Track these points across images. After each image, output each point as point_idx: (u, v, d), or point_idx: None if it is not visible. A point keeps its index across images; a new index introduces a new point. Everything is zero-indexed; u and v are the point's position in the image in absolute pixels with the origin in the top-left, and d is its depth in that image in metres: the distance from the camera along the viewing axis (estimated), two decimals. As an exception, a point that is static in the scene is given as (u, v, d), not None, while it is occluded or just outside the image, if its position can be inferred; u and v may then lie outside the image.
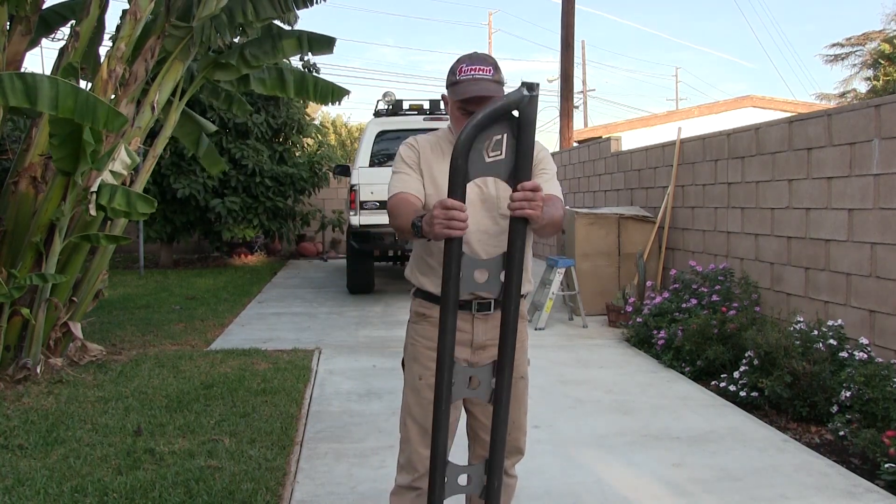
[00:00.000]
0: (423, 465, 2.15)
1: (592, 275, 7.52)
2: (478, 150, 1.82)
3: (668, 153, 7.59)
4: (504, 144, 1.83)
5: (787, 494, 3.19)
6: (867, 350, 4.24)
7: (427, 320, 2.22)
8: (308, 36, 6.05)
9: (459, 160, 1.80)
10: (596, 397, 4.68)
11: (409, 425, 2.21)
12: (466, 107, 2.11)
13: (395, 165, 2.27)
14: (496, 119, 1.80)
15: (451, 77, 2.12)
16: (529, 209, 1.80)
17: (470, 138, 1.79)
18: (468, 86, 2.07)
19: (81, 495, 3.12)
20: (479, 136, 1.81)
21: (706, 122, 13.59)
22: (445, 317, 1.84)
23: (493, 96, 2.04)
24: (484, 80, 2.08)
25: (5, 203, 5.21)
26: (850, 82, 23.43)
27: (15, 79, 4.13)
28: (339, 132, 27.27)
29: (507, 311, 1.88)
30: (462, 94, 2.08)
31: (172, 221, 11.89)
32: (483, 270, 1.92)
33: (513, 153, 1.82)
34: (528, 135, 1.80)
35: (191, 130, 6.85)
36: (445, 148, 2.21)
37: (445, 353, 1.86)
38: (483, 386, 1.95)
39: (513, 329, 1.89)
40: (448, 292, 1.84)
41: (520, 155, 1.82)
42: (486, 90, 2.06)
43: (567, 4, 13.57)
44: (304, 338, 6.52)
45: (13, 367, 4.97)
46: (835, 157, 4.96)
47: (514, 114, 1.80)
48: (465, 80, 2.09)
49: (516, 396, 2.19)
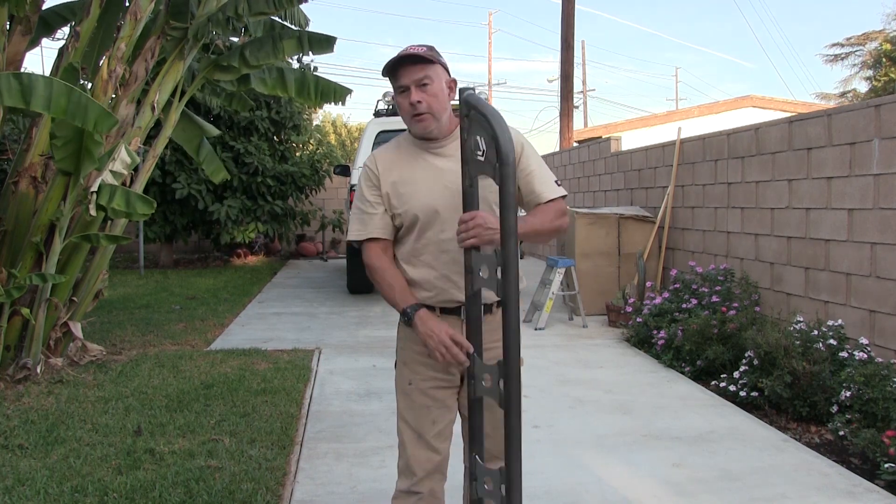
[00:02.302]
0: (420, 468, 2.14)
1: (592, 275, 7.52)
2: (469, 151, 1.89)
3: (668, 153, 7.59)
4: (481, 144, 1.86)
5: (787, 494, 3.19)
6: (867, 350, 4.24)
7: None
8: (308, 36, 6.05)
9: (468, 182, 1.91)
10: (596, 397, 4.68)
11: (402, 429, 2.19)
12: (399, 80, 2.05)
13: (357, 198, 2.19)
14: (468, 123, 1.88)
15: (388, 69, 2.08)
16: (470, 239, 1.87)
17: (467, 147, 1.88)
18: (397, 55, 2.05)
19: (81, 495, 3.12)
20: (468, 141, 1.88)
21: (706, 122, 13.60)
22: (472, 319, 1.95)
23: (419, 55, 2.02)
24: (409, 50, 2.05)
25: (5, 203, 5.21)
26: (850, 82, 23.46)
27: (11, 79, 4.13)
28: (339, 132, 27.27)
29: (508, 309, 1.87)
30: (390, 63, 2.04)
31: (172, 223, 11.89)
32: (483, 267, 1.91)
33: (486, 140, 1.86)
34: (486, 116, 1.84)
35: (192, 135, 6.81)
36: (411, 152, 2.15)
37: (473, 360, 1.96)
38: (492, 387, 1.95)
39: (515, 327, 1.87)
40: (470, 305, 1.94)
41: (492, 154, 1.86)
42: (410, 50, 2.04)
43: (567, 4, 13.57)
44: (305, 338, 6.52)
45: (13, 367, 4.97)
46: (835, 157, 4.96)
47: (471, 115, 1.87)
48: (392, 58, 2.06)
49: None
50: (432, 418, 2.14)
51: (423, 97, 2.03)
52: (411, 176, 2.11)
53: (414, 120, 2.07)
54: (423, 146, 2.14)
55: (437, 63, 2.07)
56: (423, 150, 2.14)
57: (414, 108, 2.04)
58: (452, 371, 2.13)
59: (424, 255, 2.10)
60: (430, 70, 2.04)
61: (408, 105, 2.06)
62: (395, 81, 2.08)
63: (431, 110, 2.05)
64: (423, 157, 2.13)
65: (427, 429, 2.14)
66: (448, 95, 2.12)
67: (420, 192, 2.09)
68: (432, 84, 2.05)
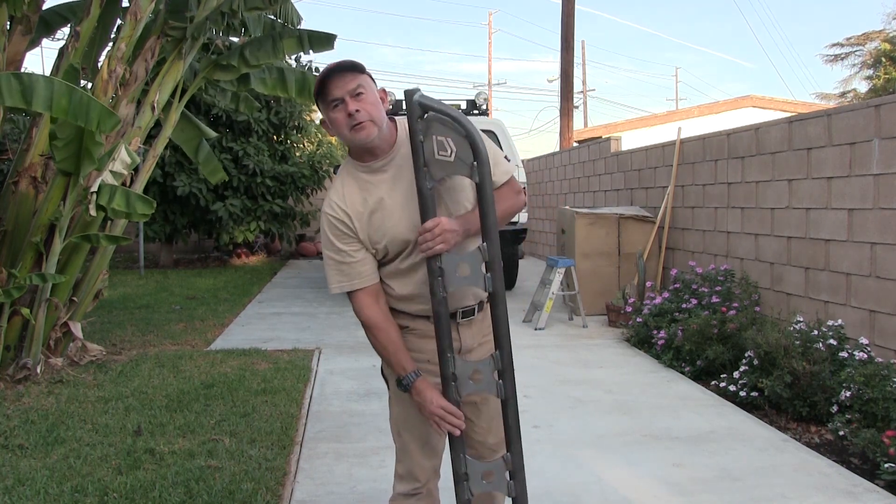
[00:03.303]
0: (424, 475, 2.13)
1: (592, 275, 7.52)
2: (436, 163, 1.87)
3: (668, 153, 7.59)
4: (448, 144, 1.85)
5: (787, 494, 3.19)
6: (867, 350, 4.24)
7: (411, 332, 2.08)
8: (308, 34, 6.05)
9: (424, 182, 1.87)
10: (596, 397, 4.68)
11: (405, 437, 2.14)
12: (331, 94, 1.92)
13: (327, 248, 2.04)
14: (422, 123, 1.86)
15: (316, 89, 1.97)
16: (439, 245, 1.85)
17: (420, 152, 1.86)
18: (322, 72, 1.94)
19: (81, 495, 3.12)
20: (424, 143, 1.86)
21: (706, 122, 13.61)
22: (441, 333, 1.93)
23: (347, 65, 1.94)
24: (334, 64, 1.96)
25: (5, 203, 5.21)
26: (850, 82, 23.47)
27: (12, 79, 4.13)
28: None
29: (497, 302, 1.91)
30: (319, 78, 1.94)
31: (173, 222, 11.90)
32: (464, 265, 1.91)
33: (457, 140, 1.85)
34: (449, 115, 1.85)
35: (191, 136, 6.82)
36: (365, 180, 2.02)
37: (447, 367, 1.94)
38: (485, 380, 1.95)
39: (506, 319, 1.93)
40: (440, 312, 1.91)
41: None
42: (340, 63, 1.94)
43: (567, 4, 13.58)
44: (305, 338, 6.52)
45: (13, 367, 4.97)
46: (835, 157, 4.96)
47: (421, 119, 1.86)
48: (319, 76, 1.95)
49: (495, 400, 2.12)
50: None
51: (360, 105, 1.91)
52: (379, 204, 1.99)
53: (354, 130, 1.92)
54: (370, 170, 2.01)
55: (366, 73, 1.97)
56: (373, 173, 2.01)
57: (353, 117, 1.90)
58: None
59: (412, 273, 2.03)
60: (361, 80, 1.93)
61: (345, 117, 1.91)
62: (326, 98, 1.93)
63: (372, 117, 1.92)
64: (377, 180, 2.00)
65: (431, 434, 2.12)
66: (383, 106, 2.01)
67: (397, 217, 1.98)
68: (367, 93, 1.93)
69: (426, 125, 1.86)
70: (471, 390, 1.96)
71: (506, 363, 1.92)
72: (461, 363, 1.95)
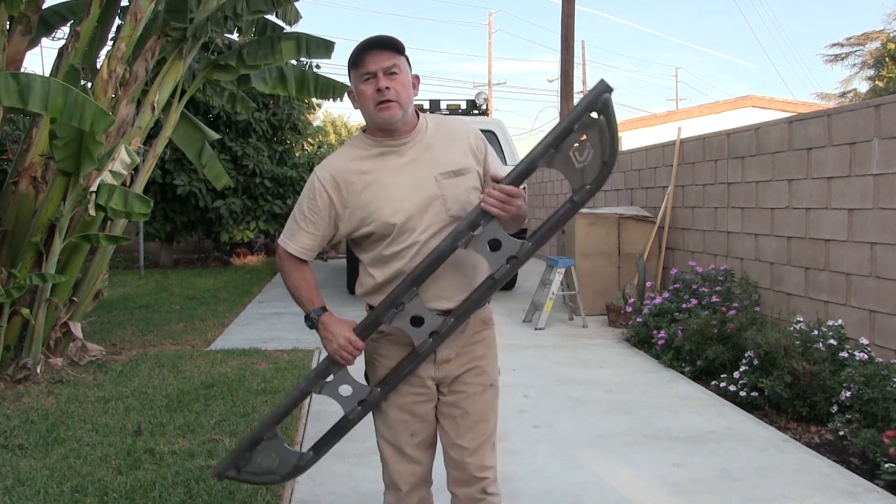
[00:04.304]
0: (404, 482, 2.10)
1: (592, 275, 7.51)
2: (563, 154, 1.83)
3: (668, 153, 7.59)
4: (587, 154, 1.83)
5: (787, 494, 3.19)
6: (867, 350, 4.24)
7: (386, 337, 2.08)
8: (307, 39, 6.05)
9: (539, 160, 1.84)
10: (596, 397, 4.68)
11: (382, 446, 2.13)
12: (365, 66, 1.90)
13: (298, 205, 2.04)
14: (575, 121, 1.81)
15: (352, 58, 1.94)
16: (507, 208, 1.83)
17: (556, 141, 1.82)
18: (363, 42, 1.91)
19: (81, 495, 3.12)
20: (564, 141, 1.82)
21: (706, 122, 13.61)
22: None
23: (390, 42, 1.91)
24: (377, 37, 1.92)
25: (5, 203, 5.21)
26: (850, 82, 23.46)
27: (9, 79, 4.13)
28: (339, 132, 27.27)
29: (488, 286, 1.96)
30: (357, 48, 1.90)
31: (173, 220, 11.90)
32: (491, 242, 1.90)
33: (596, 157, 1.83)
34: (614, 138, 1.83)
35: (194, 139, 6.78)
36: (371, 154, 1.99)
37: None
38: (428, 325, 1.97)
39: (481, 301, 1.99)
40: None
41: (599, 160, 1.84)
42: (381, 37, 1.91)
43: (567, 4, 13.56)
44: (305, 338, 6.52)
45: (13, 367, 4.97)
46: (835, 157, 4.96)
47: (592, 115, 1.80)
48: (358, 45, 1.91)
49: (484, 406, 2.09)
50: (410, 431, 2.08)
51: (391, 84, 1.90)
52: (377, 181, 1.95)
53: (379, 107, 1.90)
54: (382, 144, 1.98)
55: (404, 55, 1.95)
56: (384, 148, 1.98)
57: (381, 93, 1.89)
58: (428, 384, 2.06)
59: (395, 260, 1.98)
60: (398, 60, 1.92)
61: (373, 92, 1.90)
62: (359, 69, 1.92)
63: (399, 99, 1.91)
64: (386, 158, 1.98)
65: (405, 441, 2.09)
66: (412, 91, 1.99)
67: (388, 198, 1.94)
68: (400, 74, 1.92)
69: (589, 122, 1.82)
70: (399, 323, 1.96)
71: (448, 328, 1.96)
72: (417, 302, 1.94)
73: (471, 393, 2.07)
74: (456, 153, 2.01)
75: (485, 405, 2.10)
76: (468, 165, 2.01)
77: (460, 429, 2.07)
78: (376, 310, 1.99)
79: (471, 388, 2.08)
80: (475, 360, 2.09)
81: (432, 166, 1.97)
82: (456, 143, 2.02)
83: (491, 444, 2.13)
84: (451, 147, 2.01)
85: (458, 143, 2.03)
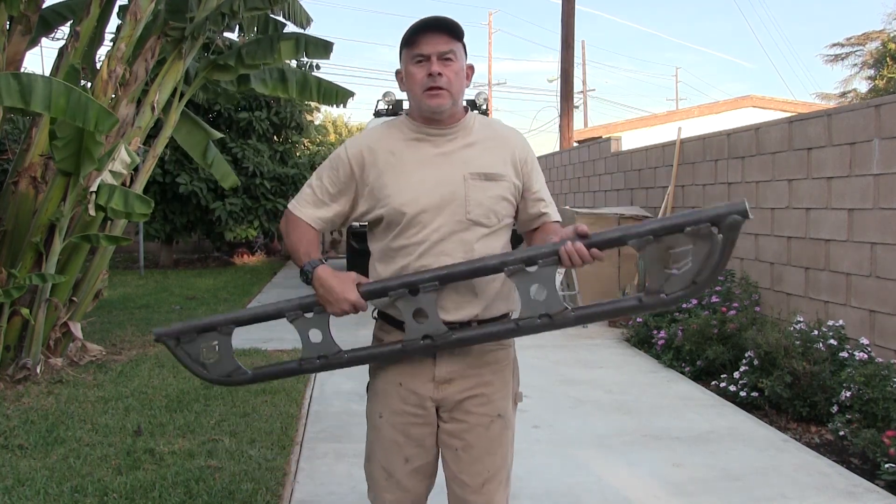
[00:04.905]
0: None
1: (592, 275, 7.50)
2: (659, 249, 1.69)
3: (668, 153, 7.58)
4: (686, 259, 1.67)
5: (787, 494, 3.18)
6: (867, 350, 4.24)
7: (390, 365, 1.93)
8: (306, 39, 6.04)
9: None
10: (596, 397, 4.68)
11: (372, 465, 1.99)
12: (419, 48, 1.79)
13: (318, 174, 1.93)
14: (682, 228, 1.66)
15: (405, 37, 1.83)
16: (579, 263, 1.72)
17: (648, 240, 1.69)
18: (421, 20, 1.79)
19: (81, 495, 3.12)
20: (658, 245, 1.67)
21: (706, 122, 13.58)
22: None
23: (449, 25, 1.79)
24: (438, 18, 1.80)
25: (5, 203, 5.21)
26: (850, 82, 23.47)
27: (11, 79, 4.13)
28: (340, 132, 27.27)
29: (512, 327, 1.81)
30: (414, 26, 1.79)
31: (172, 221, 11.90)
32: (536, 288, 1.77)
33: (689, 273, 1.67)
34: (720, 264, 1.66)
35: (198, 140, 6.73)
36: (408, 138, 1.87)
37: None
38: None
39: (507, 334, 1.83)
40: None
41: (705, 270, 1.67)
42: (439, 19, 1.79)
43: (567, 4, 13.56)
44: (304, 338, 6.51)
45: (13, 367, 4.97)
46: (835, 157, 4.96)
47: (713, 228, 1.63)
48: (415, 24, 1.80)
49: (489, 440, 1.87)
50: (405, 456, 1.91)
51: (444, 70, 1.77)
52: (402, 164, 1.83)
53: (428, 93, 1.78)
54: (421, 131, 1.86)
55: (462, 42, 1.84)
56: (420, 135, 1.86)
57: (433, 79, 1.77)
58: (426, 405, 1.88)
59: (400, 256, 1.84)
60: (455, 46, 1.80)
61: (424, 76, 1.78)
62: (412, 50, 1.79)
63: (450, 87, 1.79)
64: (419, 145, 1.85)
65: (397, 467, 1.91)
66: (465, 82, 1.87)
67: (411, 186, 1.81)
68: (456, 61, 1.80)
69: (704, 233, 1.65)
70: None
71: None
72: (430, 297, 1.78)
73: (473, 424, 1.87)
74: (495, 158, 1.87)
75: (490, 439, 1.88)
76: (504, 174, 1.86)
77: (462, 462, 1.88)
78: (389, 279, 1.82)
79: (473, 418, 1.87)
80: (480, 386, 1.88)
81: (464, 164, 1.83)
82: (498, 150, 1.89)
83: (499, 481, 1.89)
84: (491, 151, 1.88)
85: (501, 150, 1.89)
